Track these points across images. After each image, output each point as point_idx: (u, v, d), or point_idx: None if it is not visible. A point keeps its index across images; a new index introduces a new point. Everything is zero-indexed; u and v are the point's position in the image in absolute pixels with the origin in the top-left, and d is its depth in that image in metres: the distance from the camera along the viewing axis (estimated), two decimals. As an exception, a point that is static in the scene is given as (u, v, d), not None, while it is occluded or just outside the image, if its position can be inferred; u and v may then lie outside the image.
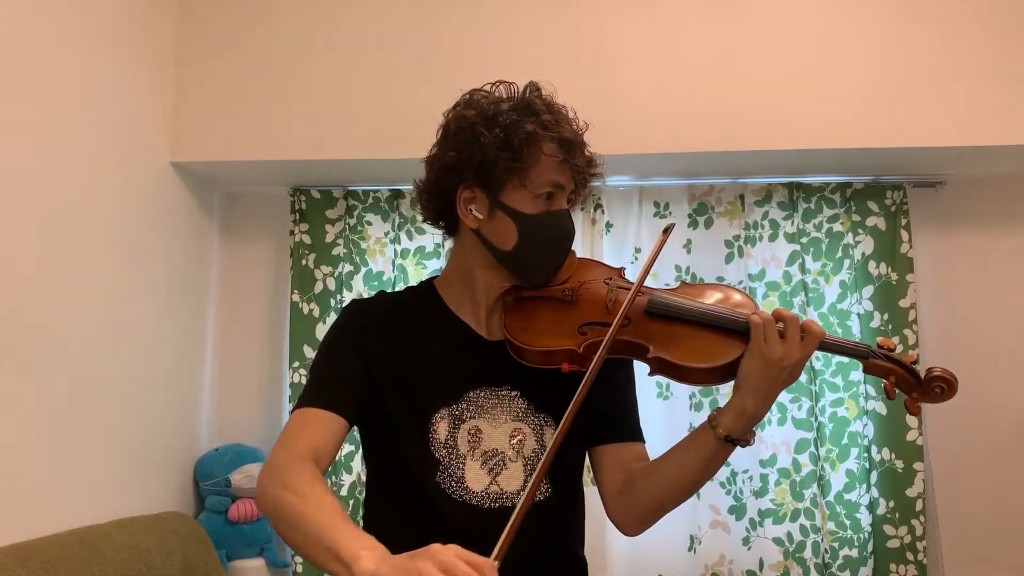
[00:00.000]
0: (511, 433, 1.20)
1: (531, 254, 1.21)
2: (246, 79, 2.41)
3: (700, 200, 2.53)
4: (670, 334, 1.19)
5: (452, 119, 1.23)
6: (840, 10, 2.31)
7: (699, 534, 2.39)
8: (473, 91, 1.25)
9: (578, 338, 1.19)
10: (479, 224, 1.22)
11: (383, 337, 1.22)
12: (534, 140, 1.18)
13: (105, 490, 2.05)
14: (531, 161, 1.18)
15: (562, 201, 1.23)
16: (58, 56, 1.92)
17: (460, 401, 1.20)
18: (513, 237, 1.20)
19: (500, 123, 1.18)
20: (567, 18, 2.37)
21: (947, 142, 2.23)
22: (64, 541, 1.72)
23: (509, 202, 1.19)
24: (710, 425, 1.17)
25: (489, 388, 1.21)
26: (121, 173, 2.16)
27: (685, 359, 1.15)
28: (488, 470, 1.18)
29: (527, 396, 1.22)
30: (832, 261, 2.46)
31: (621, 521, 1.28)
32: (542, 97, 1.24)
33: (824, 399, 2.39)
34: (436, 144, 1.26)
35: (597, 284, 1.27)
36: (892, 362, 1.16)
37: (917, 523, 2.29)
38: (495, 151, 1.17)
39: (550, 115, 1.20)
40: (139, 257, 2.23)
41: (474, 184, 1.21)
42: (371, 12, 2.42)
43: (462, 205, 1.23)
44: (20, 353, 1.76)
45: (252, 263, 2.70)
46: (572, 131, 1.23)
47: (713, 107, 2.29)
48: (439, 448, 1.18)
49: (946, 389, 1.14)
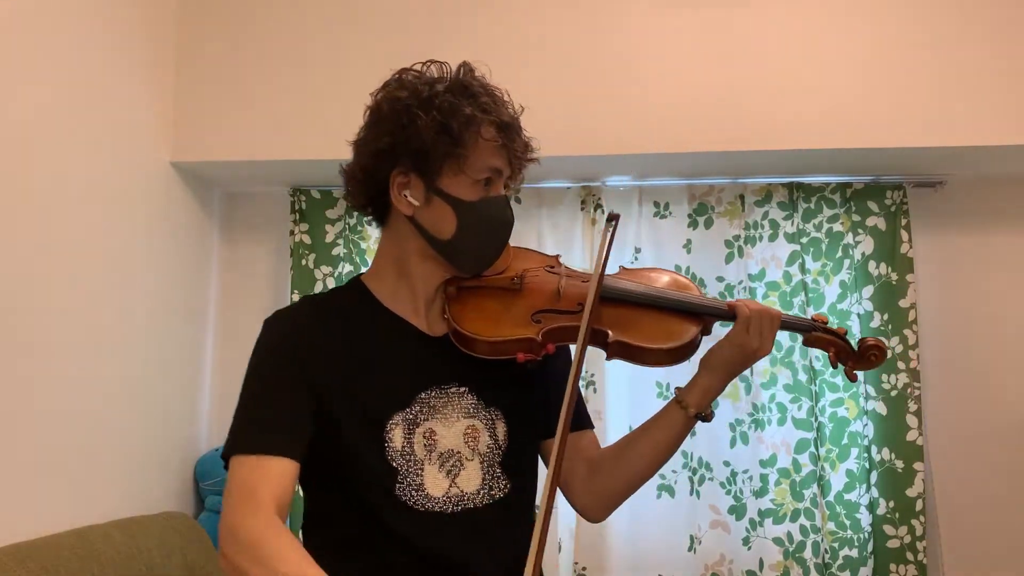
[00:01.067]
0: (465, 431, 1.16)
1: (471, 242, 1.17)
2: (246, 79, 2.41)
3: (700, 200, 2.53)
4: (627, 318, 1.21)
5: (384, 101, 1.17)
6: (840, 10, 2.31)
7: (699, 534, 2.39)
8: (403, 71, 1.19)
9: (534, 326, 1.17)
10: (414, 211, 1.16)
11: (318, 347, 1.13)
12: (473, 124, 1.13)
13: (105, 490, 2.05)
14: (470, 145, 1.13)
15: (499, 187, 1.19)
16: (58, 56, 1.92)
17: (413, 404, 1.14)
18: (451, 225, 1.15)
19: (436, 105, 1.12)
20: (567, 19, 2.36)
21: (947, 142, 2.23)
22: (64, 541, 1.72)
23: (447, 188, 1.14)
24: (680, 406, 1.22)
25: (438, 387, 1.16)
26: (121, 173, 2.16)
27: (646, 341, 1.19)
28: (446, 472, 1.13)
29: (475, 392, 1.18)
30: (832, 261, 2.46)
31: (588, 508, 1.29)
32: (477, 78, 1.19)
33: (824, 399, 2.39)
34: (365, 127, 1.20)
35: (541, 271, 1.25)
36: (830, 334, 1.24)
37: (917, 523, 2.29)
38: (432, 135, 1.11)
39: (488, 97, 1.16)
40: (139, 257, 2.23)
41: (409, 169, 1.15)
42: (371, 12, 2.42)
43: (396, 191, 1.16)
44: (19, 353, 1.76)
45: (252, 263, 2.70)
46: (510, 114, 1.19)
47: (713, 107, 2.29)
48: (396, 456, 1.11)
49: (879, 355, 1.23)
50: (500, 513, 1.15)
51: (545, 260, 1.29)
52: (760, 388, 2.41)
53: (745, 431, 2.40)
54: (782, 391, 2.41)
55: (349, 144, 1.23)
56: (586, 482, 1.27)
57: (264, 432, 1.07)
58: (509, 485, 1.17)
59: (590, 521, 1.32)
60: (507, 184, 1.22)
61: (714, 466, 2.41)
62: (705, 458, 2.42)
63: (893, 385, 2.36)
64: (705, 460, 2.42)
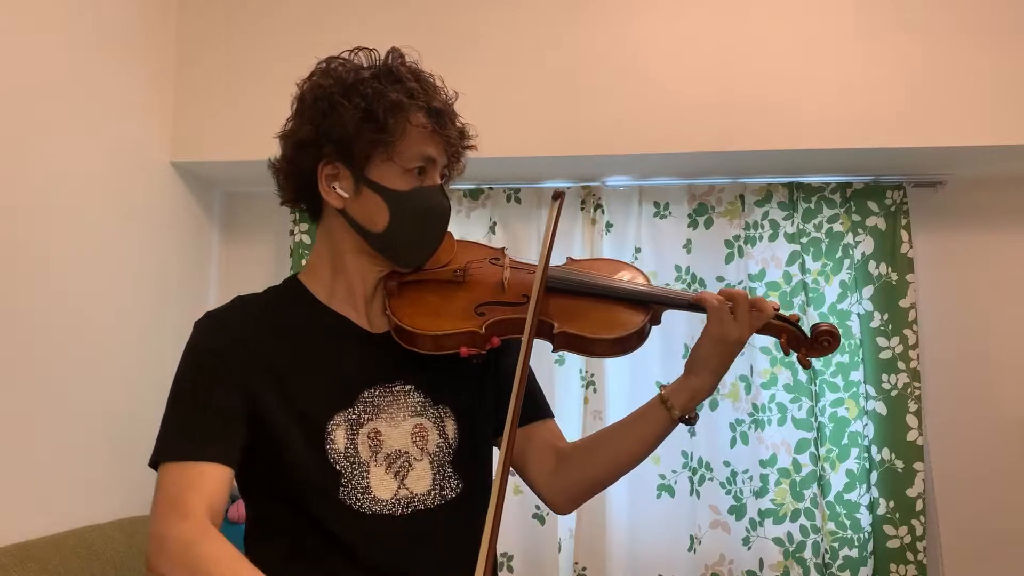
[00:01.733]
0: (412, 431, 1.11)
1: (405, 234, 1.12)
2: (246, 79, 2.41)
3: (700, 200, 2.53)
4: (573, 309, 1.16)
5: (307, 90, 1.13)
6: (840, 10, 2.31)
7: (699, 534, 2.39)
8: (330, 59, 1.14)
9: (477, 319, 1.12)
10: (345, 204, 1.11)
11: (251, 349, 1.07)
12: (400, 109, 1.08)
13: (105, 490, 2.05)
14: (398, 132, 1.08)
15: (435, 176, 1.14)
16: (58, 56, 1.92)
17: (356, 403, 1.09)
18: (384, 216, 1.10)
19: (361, 92, 1.08)
20: (567, 19, 2.36)
21: (947, 142, 2.23)
22: (64, 541, 1.72)
23: (377, 178, 1.09)
24: (664, 407, 1.16)
25: (382, 385, 1.11)
26: (121, 173, 2.16)
27: (591, 331, 1.14)
28: (394, 474, 1.08)
29: (422, 389, 1.13)
30: (832, 261, 2.46)
31: (554, 500, 1.25)
32: (406, 64, 1.14)
33: (824, 399, 2.39)
34: (291, 118, 1.16)
35: (485, 264, 1.21)
36: (782, 320, 1.20)
37: (917, 523, 2.29)
38: (357, 122, 1.07)
39: (416, 83, 1.11)
40: (139, 257, 2.23)
41: (336, 159, 1.10)
42: (371, 11, 2.42)
43: (324, 183, 1.12)
44: (19, 353, 1.76)
45: (252, 263, 2.70)
46: (442, 100, 1.13)
47: (713, 107, 2.29)
48: (339, 458, 1.06)
49: (832, 341, 1.19)
50: (452, 514, 1.11)
51: (490, 252, 1.25)
52: (760, 388, 2.41)
53: (745, 431, 2.40)
54: (782, 391, 2.40)
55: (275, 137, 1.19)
56: (554, 472, 1.23)
57: (192, 438, 1.02)
58: (461, 485, 1.13)
59: (556, 512, 1.28)
60: (444, 173, 1.17)
61: (714, 466, 2.41)
62: (705, 458, 2.42)
63: (893, 385, 2.36)
64: (705, 460, 2.42)
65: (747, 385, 2.41)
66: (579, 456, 1.22)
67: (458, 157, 1.18)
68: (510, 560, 2.38)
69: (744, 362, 2.42)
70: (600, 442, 1.23)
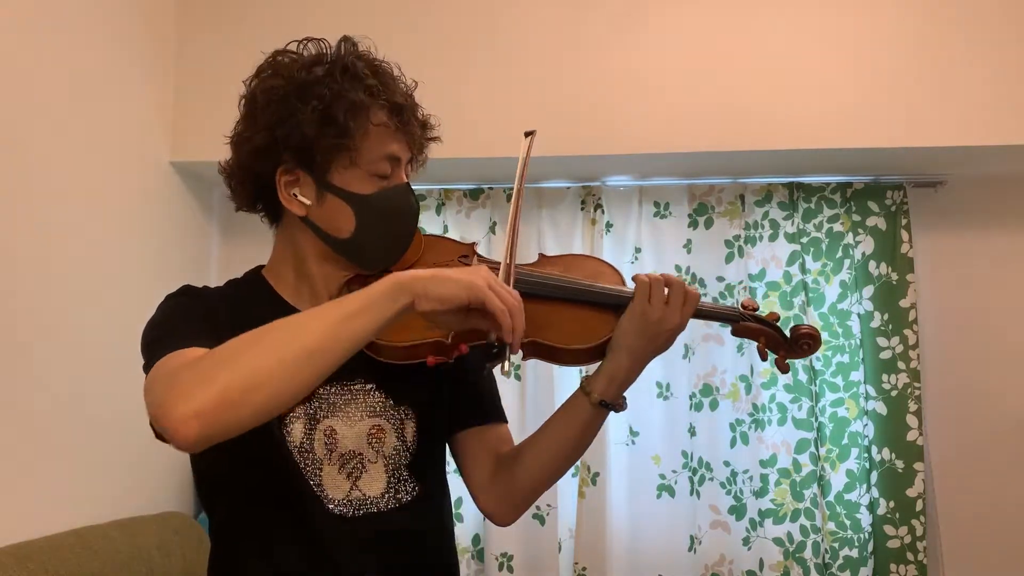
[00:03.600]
0: (368, 431, 1.07)
1: (372, 239, 1.06)
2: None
3: (700, 200, 2.53)
4: (541, 315, 1.07)
5: (258, 90, 1.07)
6: (840, 10, 2.31)
7: (699, 534, 2.39)
8: (277, 53, 1.08)
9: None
10: (307, 211, 1.05)
11: (220, 326, 0.97)
12: (360, 110, 1.02)
13: (105, 490, 2.05)
14: (359, 134, 1.02)
15: (400, 174, 1.08)
16: (58, 56, 1.92)
17: (313, 399, 1.04)
18: (350, 222, 1.05)
19: (317, 93, 1.01)
20: (567, 19, 2.36)
21: (947, 142, 2.23)
22: (64, 541, 1.72)
23: (340, 183, 1.04)
24: (583, 392, 1.11)
25: (340, 383, 1.06)
26: (121, 173, 2.16)
27: (560, 341, 1.08)
28: (347, 475, 1.05)
29: (383, 388, 1.08)
30: (832, 261, 2.46)
31: (495, 510, 1.19)
32: (362, 57, 1.07)
33: (824, 399, 2.39)
34: (241, 120, 1.09)
35: (452, 263, 1.13)
36: (760, 322, 1.15)
37: (917, 523, 2.29)
38: (316, 127, 1.01)
39: (375, 79, 1.05)
40: (139, 257, 2.23)
41: (295, 166, 1.04)
42: (371, 11, 2.42)
43: (284, 190, 1.06)
44: (19, 353, 1.76)
45: (252, 263, 2.64)
46: (403, 94, 1.08)
47: (713, 107, 2.29)
48: (295, 451, 1.03)
49: (812, 344, 1.14)
50: (406, 517, 1.07)
51: (459, 249, 1.17)
52: (760, 388, 2.41)
53: (745, 431, 2.40)
54: (782, 391, 2.41)
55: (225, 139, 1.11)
56: (491, 481, 1.17)
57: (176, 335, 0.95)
58: (417, 488, 1.09)
59: (498, 525, 1.21)
60: (408, 168, 1.12)
61: (714, 466, 2.41)
62: (705, 458, 2.42)
63: (893, 385, 2.36)
64: (705, 460, 2.42)
65: (747, 385, 2.41)
66: (513, 461, 1.17)
67: (422, 150, 1.13)
68: (510, 560, 2.37)
69: (744, 362, 2.42)
70: (531, 443, 1.17)
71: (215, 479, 1.09)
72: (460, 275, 0.90)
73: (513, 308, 0.92)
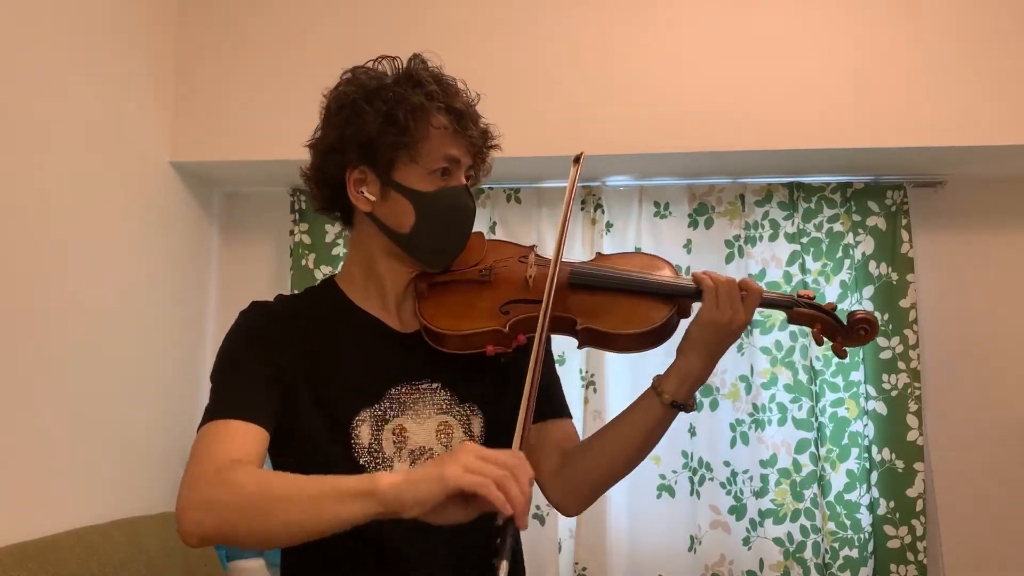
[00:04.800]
0: (437, 428, 1.14)
1: (430, 234, 1.15)
2: (246, 79, 2.41)
3: (700, 200, 2.53)
4: (596, 304, 1.16)
5: (332, 98, 1.17)
6: (840, 10, 2.31)
7: (699, 534, 2.39)
8: (355, 68, 1.18)
9: (501, 317, 1.14)
10: (372, 207, 1.15)
11: (290, 341, 1.12)
12: (421, 112, 1.11)
13: (105, 490, 2.05)
14: (420, 135, 1.11)
15: (459, 177, 1.17)
16: (58, 56, 1.92)
17: (382, 400, 1.12)
18: (410, 218, 1.13)
19: (382, 96, 1.11)
20: (567, 18, 2.36)
21: (947, 142, 2.23)
22: (64, 541, 1.72)
23: (402, 180, 1.13)
24: (655, 392, 1.15)
25: (409, 383, 1.14)
26: (121, 173, 2.16)
27: (615, 327, 1.14)
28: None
29: (449, 387, 1.16)
30: (832, 261, 2.46)
31: (561, 501, 1.25)
32: (428, 69, 1.17)
33: (824, 399, 2.39)
34: (318, 127, 1.20)
35: (512, 262, 1.22)
36: (815, 309, 1.18)
37: (917, 523, 2.29)
38: (378, 126, 1.10)
39: (436, 85, 1.14)
40: (139, 257, 2.23)
41: (362, 164, 1.14)
42: (371, 11, 2.42)
43: (352, 187, 1.15)
44: (19, 353, 1.76)
45: (252, 263, 2.70)
46: (463, 101, 1.16)
47: (713, 107, 2.29)
48: (363, 453, 1.10)
49: (869, 330, 1.16)
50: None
51: (519, 251, 1.25)
52: (760, 388, 2.41)
53: (745, 431, 2.40)
54: (782, 391, 2.40)
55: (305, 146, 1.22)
56: (558, 475, 1.23)
57: (226, 402, 1.06)
58: None
59: (564, 514, 1.29)
60: (470, 174, 1.19)
61: (714, 466, 2.41)
62: (705, 458, 2.42)
63: (893, 385, 2.36)
64: (705, 460, 2.42)
65: (747, 385, 2.41)
66: (579, 455, 1.22)
67: (483, 157, 1.20)
68: (510, 560, 2.37)
69: (744, 362, 2.42)
70: (599, 438, 1.22)
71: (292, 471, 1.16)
72: (433, 469, 0.86)
73: (501, 478, 0.85)
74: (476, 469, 0.85)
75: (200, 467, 0.98)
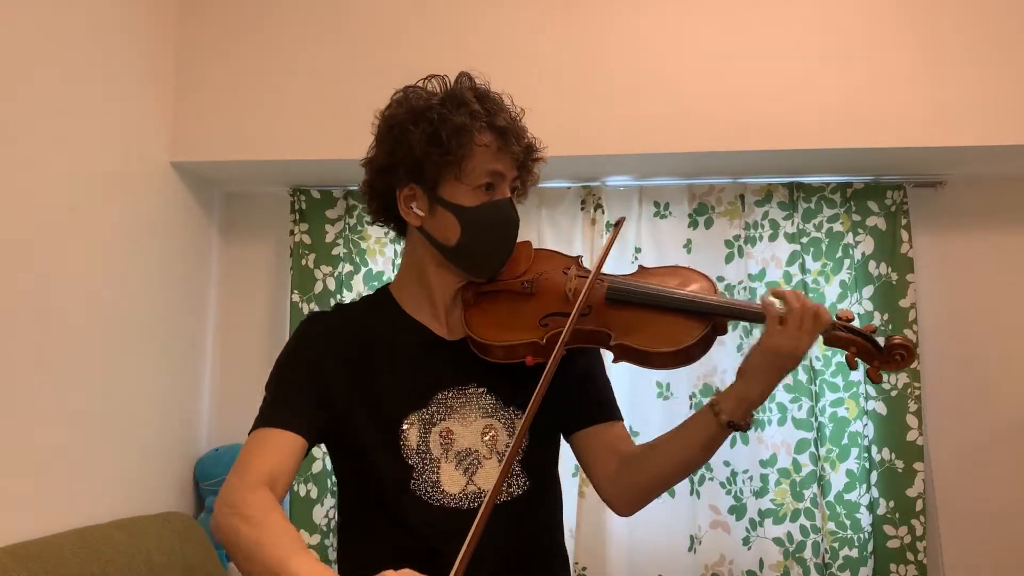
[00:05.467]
0: (482, 431, 1.20)
1: (475, 246, 1.21)
2: (246, 79, 2.41)
3: (700, 200, 2.54)
4: (632, 320, 1.18)
5: (383, 119, 1.24)
6: (840, 10, 2.31)
7: (699, 534, 2.39)
8: (407, 88, 1.25)
9: (540, 330, 1.19)
10: (422, 221, 1.21)
11: (343, 349, 1.21)
12: (464, 131, 1.17)
13: (105, 490, 2.05)
14: (464, 153, 1.17)
15: (504, 190, 1.22)
16: (58, 56, 1.92)
17: (430, 404, 1.19)
18: (455, 231, 1.19)
19: (428, 118, 1.17)
20: (567, 19, 2.36)
21: (947, 142, 2.23)
22: (64, 541, 1.72)
23: (447, 196, 1.19)
24: (712, 411, 1.17)
25: (456, 388, 1.21)
26: (121, 173, 2.16)
27: (648, 344, 1.16)
28: (463, 470, 1.18)
29: (494, 392, 1.22)
30: (832, 261, 2.46)
31: (615, 501, 1.31)
32: (474, 87, 1.23)
33: (824, 399, 2.39)
34: (372, 145, 1.26)
35: (555, 274, 1.25)
36: (853, 332, 1.16)
37: (917, 523, 2.30)
38: (423, 147, 1.16)
39: (480, 105, 1.19)
40: (139, 257, 2.23)
41: (411, 181, 1.21)
42: (371, 12, 2.42)
43: (403, 204, 1.22)
44: (19, 353, 1.76)
45: (252, 263, 2.70)
46: (506, 118, 1.21)
47: (713, 107, 2.29)
48: (411, 455, 1.17)
49: (906, 356, 1.14)
50: (518, 509, 1.19)
51: (564, 262, 1.29)
52: (760, 388, 2.40)
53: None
54: (782, 391, 2.40)
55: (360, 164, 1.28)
56: (614, 478, 1.28)
57: (275, 409, 1.15)
58: (528, 482, 1.21)
59: (616, 513, 1.34)
60: (515, 186, 1.25)
61: (714, 466, 2.41)
62: (705, 458, 2.41)
63: (893, 385, 2.36)
64: (705, 460, 2.41)
65: (747, 385, 2.41)
66: (637, 461, 1.27)
67: (528, 169, 1.25)
68: (510, 560, 2.37)
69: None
70: (657, 447, 1.26)
71: (340, 484, 1.26)
72: None
73: None
74: None
75: (233, 480, 1.09)
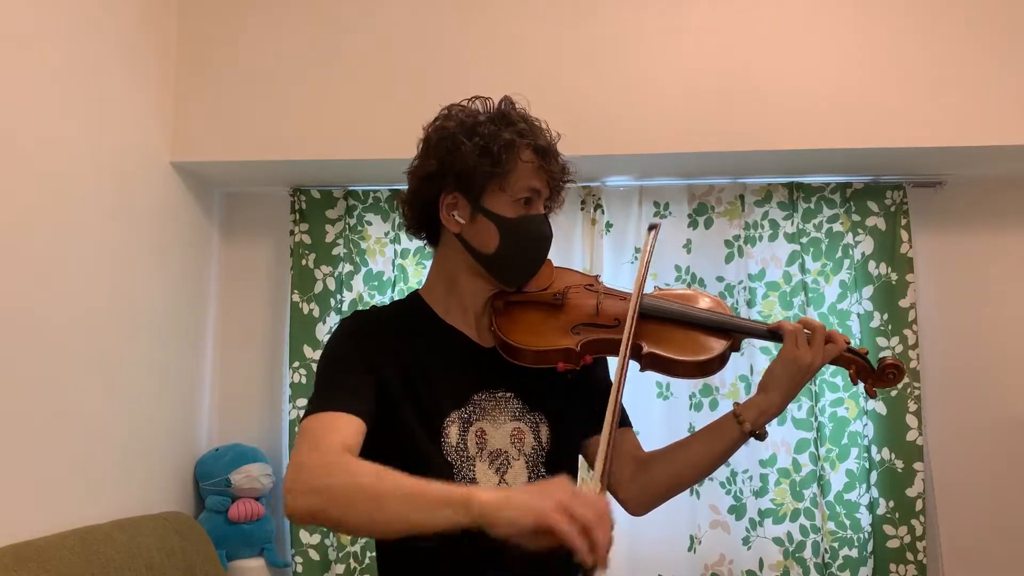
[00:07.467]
0: (512, 432, 1.26)
1: (512, 256, 1.28)
2: (246, 79, 2.41)
3: (700, 200, 2.54)
4: (660, 333, 1.30)
5: (433, 131, 1.31)
6: (840, 10, 2.31)
7: (699, 534, 2.39)
8: (451, 106, 1.33)
9: (573, 337, 1.26)
10: (461, 228, 1.28)
11: (386, 347, 1.25)
12: (512, 147, 1.25)
13: (105, 490, 2.05)
14: (510, 167, 1.25)
15: (539, 206, 1.30)
16: (58, 56, 1.92)
17: (468, 404, 1.25)
18: (495, 240, 1.26)
19: (479, 132, 1.25)
20: (567, 19, 2.36)
21: (947, 142, 2.23)
22: (64, 541, 1.72)
23: (490, 206, 1.26)
24: (736, 420, 1.28)
25: (488, 391, 1.27)
26: (121, 173, 2.16)
27: (677, 353, 1.28)
28: (495, 469, 1.24)
29: (521, 397, 1.28)
30: (832, 261, 2.46)
31: (631, 504, 1.38)
32: (516, 109, 1.32)
33: (824, 399, 2.39)
34: (418, 156, 1.33)
35: (581, 289, 1.36)
36: (852, 353, 1.30)
37: (917, 523, 2.30)
38: (475, 158, 1.24)
39: (526, 124, 1.29)
40: (139, 257, 2.23)
41: (456, 190, 1.27)
42: (371, 12, 2.42)
43: (445, 211, 1.28)
44: (19, 353, 1.76)
45: (252, 263, 2.70)
46: (546, 139, 1.31)
47: (713, 107, 2.29)
48: (451, 452, 1.22)
49: (897, 374, 1.30)
50: None
51: (585, 279, 1.39)
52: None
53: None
54: (782, 391, 2.40)
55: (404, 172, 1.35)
56: (631, 480, 1.36)
57: (332, 396, 1.17)
58: None
59: (630, 514, 1.39)
60: (547, 205, 1.33)
61: (714, 466, 2.41)
62: (705, 458, 2.42)
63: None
64: (705, 460, 2.42)
65: (747, 385, 2.41)
66: (656, 464, 1.35)
67: (559, 190, 1.34)
68: (510, 560, 2.37)
69: (744, 362, 2.42)
70: (675, 451, 1.35)
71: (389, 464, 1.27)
72: (529, 500, 0.92)
73: (590, 524, 0.92)
74: (567, 510, 0.91)
75: (311, 454, 1.08)
